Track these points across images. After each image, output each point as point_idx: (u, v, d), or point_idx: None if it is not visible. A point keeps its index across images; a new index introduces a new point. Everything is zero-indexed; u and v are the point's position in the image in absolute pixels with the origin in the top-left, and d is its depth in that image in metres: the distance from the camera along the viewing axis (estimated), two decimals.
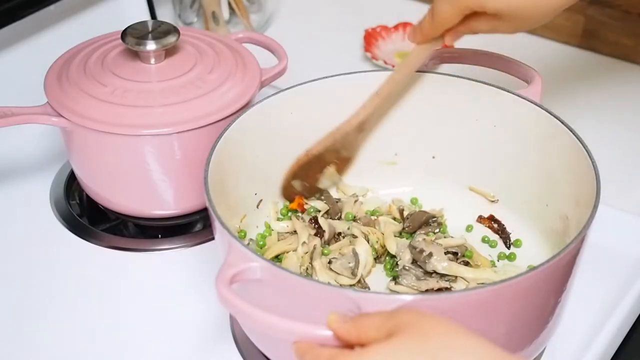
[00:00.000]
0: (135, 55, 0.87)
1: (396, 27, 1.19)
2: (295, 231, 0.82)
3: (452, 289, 0.75)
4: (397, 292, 0.76)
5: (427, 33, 0.77)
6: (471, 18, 0.74)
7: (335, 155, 0.85)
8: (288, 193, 0.86)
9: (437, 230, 0.83)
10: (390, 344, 0.51)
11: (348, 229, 0.82)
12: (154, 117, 0.82)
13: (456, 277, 0.76)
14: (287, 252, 0.80)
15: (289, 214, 0.85)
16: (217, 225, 0.66)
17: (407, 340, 0.51)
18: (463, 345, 0.51)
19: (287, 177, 0.85)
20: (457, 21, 0.74)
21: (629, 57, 1.15)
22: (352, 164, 0.87)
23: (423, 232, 0.82)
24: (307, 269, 0.78)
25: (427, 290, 0.75)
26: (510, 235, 0.84)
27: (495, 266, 0.81)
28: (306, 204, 0.85)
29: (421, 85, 0.85)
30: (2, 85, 1.00)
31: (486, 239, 0.84)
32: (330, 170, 0.86)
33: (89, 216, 0.93)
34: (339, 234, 0.82)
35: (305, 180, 0.85)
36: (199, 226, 0.92)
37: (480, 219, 0.86)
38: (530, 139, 0.81)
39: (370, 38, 1.17)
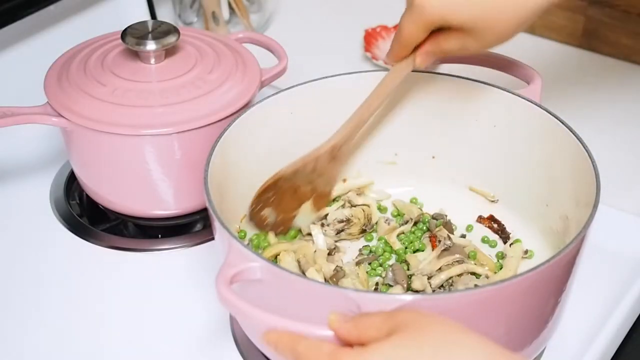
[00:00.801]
0: (135, 55, 0.87)
1: (396, 27, 1.19)
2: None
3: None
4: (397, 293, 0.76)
5: (396, 53, 0.76)
6: (439, 36, 0.72)
7: (310, 186, 0.81)
8: (257, 220, 0.80)
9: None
10: (390, 343, 0.51)
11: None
12: (154, 117, 0.82)
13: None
14: (284, 251, 0.79)
15: None
16: (217, 225, 0.66)
17: (407, 339, 0.51)
18: (462, 343, 0.51)
19: (255, 200, 0.79)
20: (423, 38, 0.73)
21: (629, 57, 1.15)
22: (328, 200, 0.84)
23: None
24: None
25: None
26: (510, 235, 0.84)
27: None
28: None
29: (421, 85, 0.85)
30: (2, 85, 1.00)
31: (486, 239, 0.84)
32: (307, 206, 0.81)
33: (89, 216, 0.93)
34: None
35: (278, 212, 0.80)
36: (199, 226, 0.92)
37: (480, 219, 0.86)
38: (530, 139, 0.81)
39: (370, 38, 1.17)
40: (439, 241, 0.80)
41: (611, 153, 0.98)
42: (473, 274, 0.78)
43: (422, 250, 0.81)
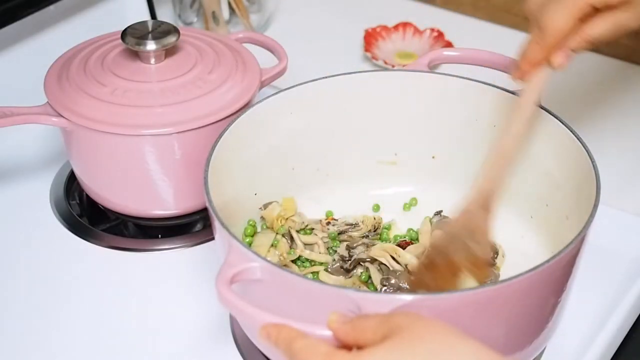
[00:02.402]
0: (135, 55, 0.87)
1: (396, 27, 1.19)
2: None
3: None
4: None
5: (535, 58, 0.67)
6: (586, 23, 0.64)
7: (464, 254, 0.66)
8: (417, 282, 0.70)
9: None
10: (385, 347, 0.51)
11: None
12: (154, 117, 0.82)
13: None
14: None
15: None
16: (217, 225, 0.66)
17: (401, 343, 0.51)
18: (456, 349, 0.51)
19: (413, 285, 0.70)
20: (572, 27, 0.64)
21: (629, 57, 1.15)
22: (489, 269, 0.70)
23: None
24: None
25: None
26: (510, 235, 0.84)
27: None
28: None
29: (421, 85, 0.85)
30: (2, 85, 1.00)
31: None
32: (467, 276, 0.65)
33: (89, 216, 0.93)
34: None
35: (434, 279, 0.67)
36: (199, 226, 0.92)
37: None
38: (530, 138, 0.81)
39: (370, 38, 1.17)
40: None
41: (611, 153, 0.98)
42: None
43: None
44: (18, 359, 0.77)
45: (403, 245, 0.81)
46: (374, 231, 0.84)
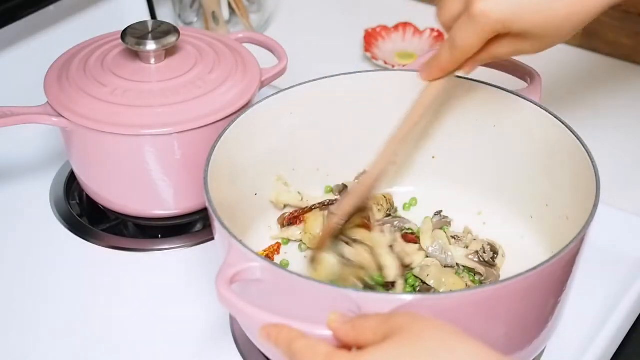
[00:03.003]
0: (135, 55, 0.87)
1: (396, 27, 1.19)
2: None
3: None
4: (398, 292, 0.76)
5: (445, 67, 0.72)
6: (492, 42, 0.69)
7: (361, 216, 0.77)
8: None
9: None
10: (385, 347, 0.51)
11: None
12: (154, 117, 0.82)
13: None
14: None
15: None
16: (217, 225, 0.66)
17: (401, 343, 0.51)
18: (457, 348, 0.51)
19: (319, 247, 0.76)
20: (479, 47, 0.69)
21: (629, 57, 1.15)
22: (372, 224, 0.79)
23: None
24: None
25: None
26: (510, 235, 0.84)
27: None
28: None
29: (421, 86, 0.84)
30: (2, 85, 1.00)
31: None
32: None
33: (89, 216, 0.93)
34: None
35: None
36: (199, 226, 0.92)
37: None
38: (530, 138, 0.81)
39: (370, 38, 1.17)
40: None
41: (611, 153, 0.98)
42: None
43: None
44: (17, 359, 0.77)
45: (408, 239, 0.81)
46: (392, 207, 0.86)
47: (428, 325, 0.52)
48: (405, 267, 0.79)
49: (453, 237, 0.82)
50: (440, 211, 0.86)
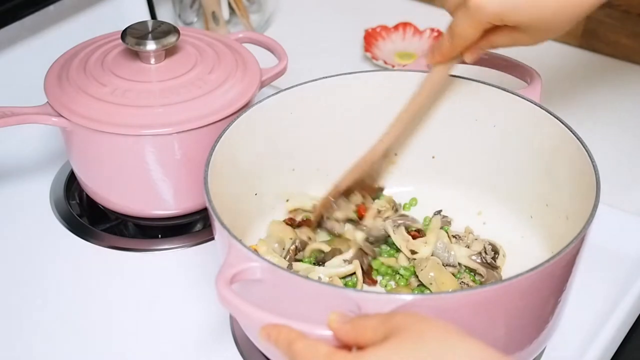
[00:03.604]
0: (135, 55, 0.87)
1: (396, 27, 1.19)
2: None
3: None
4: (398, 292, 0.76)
5: (446, 53, 0.76)
6: (490, 32, 0.73)
7: (359, 185, 0.85)
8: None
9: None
10: (385, 347, 0.51)
11: None
12: (154, 117, 0.82)
13: None
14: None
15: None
16: (217, 225, 0.66)
17: (402, 343, 0.51)
18: (458, 347, 0.51)
19: (318, 214, 0.84)
20: (477, 37, 0.73)
21: (629, 57, 1.15)
22: (376, 192, 0.88)
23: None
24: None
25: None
26: (510, 235, 0.84)
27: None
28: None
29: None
30: (2, 85, 1.00)
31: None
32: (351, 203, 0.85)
33: (89, 216, 0.93)
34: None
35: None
36: (199, 226, 0.92)
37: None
38: (530, 138, 0.81)
39: (370, 38, 1.17)
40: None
41: (611, 153, 0.98)
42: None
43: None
44: (17, 359, 0.77)
45: (413, 236, 0.81)
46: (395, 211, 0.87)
47: (429, 325, 0.52)
48: (413, 254, 0.80)
49: (454, 237, 0.82)
50: (440, 211, 0.86)
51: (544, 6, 0.70)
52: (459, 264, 0.80)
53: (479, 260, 0.80)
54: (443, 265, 0.80)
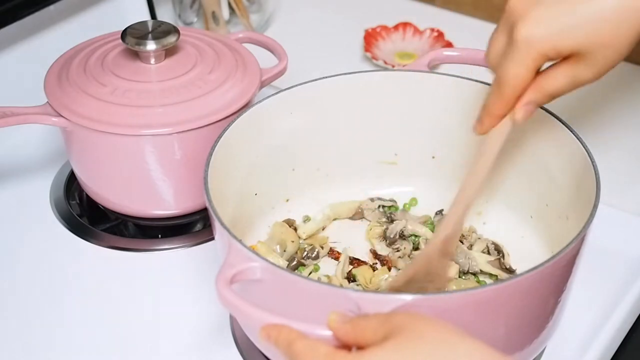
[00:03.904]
0: (135, 55, 0.87)
1: (396, 27, 1.19)
2: None
3: None
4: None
5: (496, 112, 0.67)
6: (545, 78, 0.65)
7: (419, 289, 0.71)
8: None
9: None
10: (385, 347, 0.51)
11: None
12: (154, 117, 0.82)
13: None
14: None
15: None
16: (217, 225, 0.66)
17: (402, 343, 0.51)
18: (458, 347, 0.51)
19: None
20: (530, 80, 0.64)
21: (629, 57, 1.14)
22: None
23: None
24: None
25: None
26: (510, 235, 0.84)
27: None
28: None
29: (421, 86, 0.85)
30: (2, 85, 1.00)
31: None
32: None
33: (89, 216, 0.93)
34: None
35: None
36: (199, 226, 0.92)
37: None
38: (530, 138, 0.81)
39: (370, 38, 1.17)
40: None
41: (611, 153, 0.98)
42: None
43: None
44: (17, 359, 0.77)
45: None
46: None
47: (429, 325, 0.52)
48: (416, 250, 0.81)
49: None
50: (441, 210, 0.86)
51: (599, 18, 0.61)
52: (481, 270, 0.80)
53: (497, 266, 0.80)
54: (464, 272, 0.79)
